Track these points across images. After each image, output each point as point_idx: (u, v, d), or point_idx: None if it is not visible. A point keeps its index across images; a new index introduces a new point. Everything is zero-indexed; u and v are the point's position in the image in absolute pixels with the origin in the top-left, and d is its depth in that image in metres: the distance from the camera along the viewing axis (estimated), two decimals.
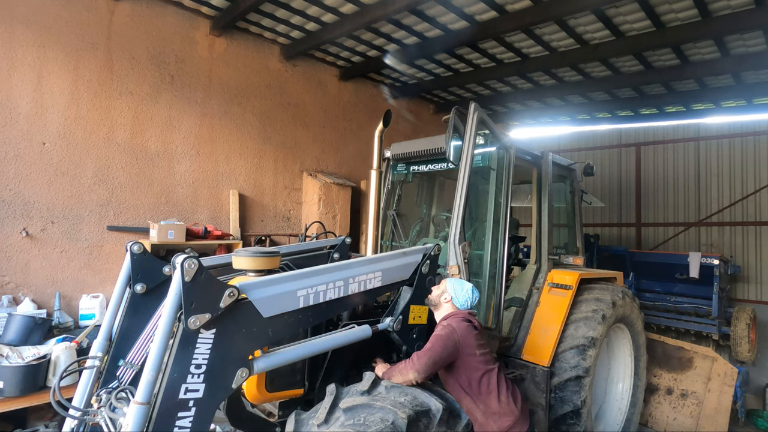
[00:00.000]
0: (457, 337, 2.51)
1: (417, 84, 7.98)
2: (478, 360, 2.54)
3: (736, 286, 8.26)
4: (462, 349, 2.51)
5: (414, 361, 2.37)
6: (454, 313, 2.68)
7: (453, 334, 2.52)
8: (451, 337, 2.51)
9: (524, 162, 4.11)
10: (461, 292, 2.71)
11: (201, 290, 1.63)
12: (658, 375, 5.61)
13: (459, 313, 2.67)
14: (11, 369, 3.48)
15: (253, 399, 2.36)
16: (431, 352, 2.43)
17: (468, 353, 2.53)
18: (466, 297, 2.71)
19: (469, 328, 2.59)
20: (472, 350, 2.53)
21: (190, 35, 5.62)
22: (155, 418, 1.57)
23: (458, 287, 2.72)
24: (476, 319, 2.72)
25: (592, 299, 3.97)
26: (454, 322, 2.59)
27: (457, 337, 2.52)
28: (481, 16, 5.44)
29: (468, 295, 2.72)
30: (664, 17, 5.18)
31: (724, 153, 8.51)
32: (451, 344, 2.49)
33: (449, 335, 2.52)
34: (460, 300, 2.70)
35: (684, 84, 7.30)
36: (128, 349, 2.28)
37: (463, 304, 2.70)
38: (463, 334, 2.54)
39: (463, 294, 2.71)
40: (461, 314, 2.67)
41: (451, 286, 2.74)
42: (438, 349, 2.44)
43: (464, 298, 2.70)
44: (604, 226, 9.88)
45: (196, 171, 5.67)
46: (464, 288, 2.73)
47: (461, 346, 2.51)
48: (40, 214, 4.48)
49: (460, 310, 2.69)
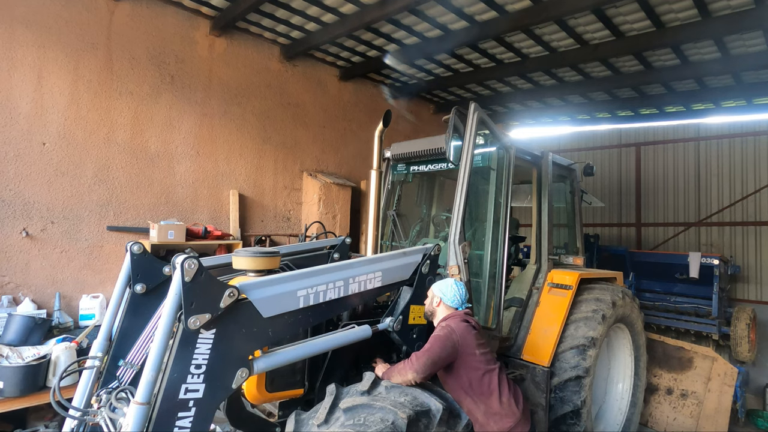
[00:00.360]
0: (456, 338, 2.49)
1: (417, 84, 7.98)
2: (478, 360, 2.52)
3: (736, 286, 8.26)
4: (461, 349, 2.50)
5: (413, 362, 2.37)
6: (451, 315, 2.66)
7: (452, 334, 2.51)
8: (450, 337, 2.49)
9: (524, 162, 4.11)
10: (447, 289, 2.67)
11: (201, 290, 1.63)
12: (658, 375, 5.61)
13: (456, 314, 2.65)
14: (11, 369, 3.48)
15: (253, 399, 2.36)
16: (430, 352, 2.42)
17: (468, 353, 2.51)
18: (453, 292, 2.66)
19: (467, 328, 2.57)
20: (471, 350, 2.51)
21: (190, 35, 5.62)
22: (155, 418, 1.57)
23: (442, 286, 2.69)
24: (474, 319, 2.71)
25: (592, 299, 3.96)
26: (452, 323, 2.58)
27: (456, 337, 2.50)
28: (481, 16, 5.44)
29: (454, 289, 2.67)
30: (664, 17, 5.18)
31: (724, 153, 8.51)
32: (450, 344, 2.47)
33: (448, 335, 2.50)
34: (449, 297, 2.66)
35: (684, 84, 7.29)
36: (128, 349, 2.28)
37: (454, 300, 2.66)
38: (461, 334, 2.52)
39: (449, 290, 2.66)
40: (458, 315, 2.65)
41: (437, 288, 2.72)
42: (437, 350, 2.43)
43: (452, 294, 2.65)
44: (604, 226, 9.88)
45: (196, 171, 5.67)
46: (447, 284, 2.69)
47: (460, 346, 2.50)
48: (40, 214, 4.48)
49: (457, 311, 2.67)
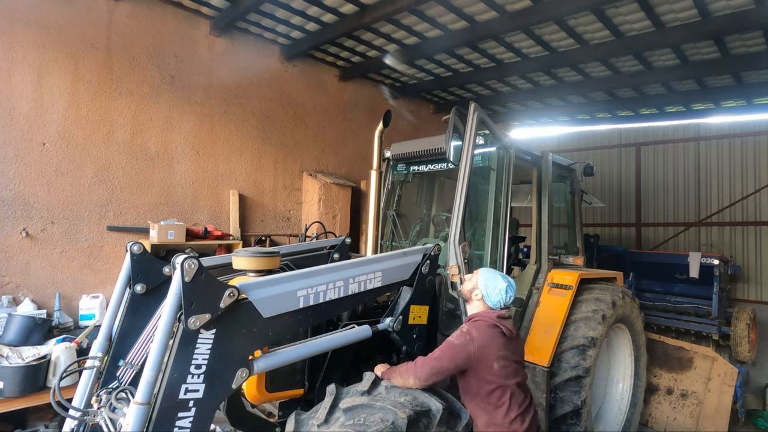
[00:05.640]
0: (472, 349, 2.32)
1: (417, 84, 7.98)
2: (494, 373, 2.33)
3: (736, 286, 8.26)
4: (477, 360, 2.33)
5: (417, 368, 2.29)
6: (483, 315, 2.48)
7: (468, 345, 2.33)
8: (465, 348, 2.32)
9: (524, 162, 4.11)
10: (493, 291, 2.50)
11: (201, 290, 1.63)
12: (658, 375, 5.61)
13: (487, 316, 2.47)
14: (11, 369, 3.48)
15: (253, 399, 2.36)
16: (437, 362, 2.30)
17: (484, 364, 2.34)
18: (498, 298, 2.50)
19: (493, 335, 2.38)
20: (489, 362, 2.33)
21: (190, 35, 5.62)
22: (155, 419, 1.57)
23: (491, 286, 2.52)
24: (508, 324, 2.48)
25: (592, 299, 3.96)
26: (476, 328, 2.39)
27: (473, 348, 2.32)
28: (481, 16, 5.44)
29: (501, 296, 2.50)
30: (664, 17, 5.18)
31: (724, 153, 8.51)
32: (463, 356, 2.32)
33: (463, 346, 2.33)
34: (492, 299, 2.51)
35: (684, 84, 7.29)
36: (128, 349, 2.28)
37: (496, 303, 2.51)
38: (482, 344, 2.33)
39: (495, 294, 2.50)
40: (490, 317, 2.46)
41: (483, 283, 2.55)
42: (445, 361, 2.31)
43: (497, 299, 2.50)
44: (604, 226, 9.88)
45: (196, 171, 5.67)
46: (497, 287, 2.51)
47: (477, 358, 2.32)
48: (40, 215, 4.48)
49: (491, 311, 2.51)
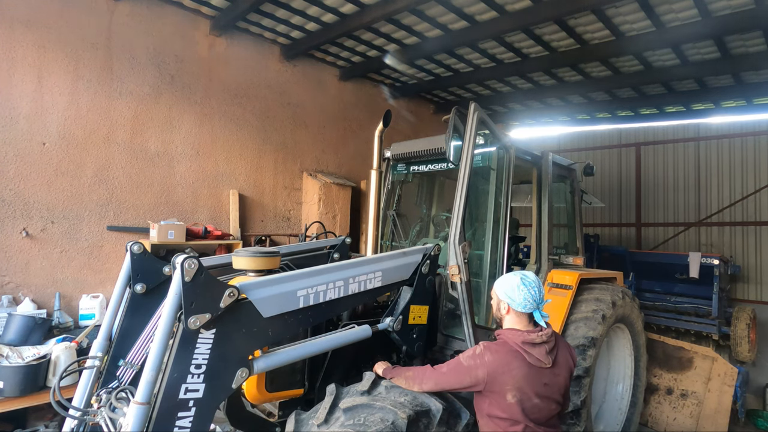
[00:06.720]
0: (480, 375, 2.06)
1: (417, 84, 7.98)
2: (506, 406, 2.04)
3: (736, 286, 8.26)
4: (486, 387, 2.07)
5: (423, 379, 2.22)
6: (507, 335, 2.15)
7: (476, 369, 2.08)
8: (472, 372, 2.09)
9: (524, 162, 4.10)
10: (513, 291, 2.16)
11: (201, 290, 1.63)
12: (658, 375, 5.61)
13: (513, 337, 2.12)
14: (11, 369, 3.48)
15: (253, 399, 2.36)
16: (442, 378, 2.19)
17: (495, 394, 2.07)
18: (522, 295, 2.13)
19: (510, 364, 2.05)
20: (500, 392, 2.05)
21: (190, 35, 5.62)
22: (155, 418, 1.57)
23: (507, 288, 2.20)
24: (537, 351, 2.08)
25: (592, 299, 3.96)
26: (492, 351, 2.11)
27: (482, 374, 2.06)
28: (481, 16, 5.44)
29: (523, 291, 2.13)
30: (663, 17, 5.18)
31: (724, 153, 8.51)
32: (469, 380, 2.11)
33: (471, 370, 2.10)
34: (519, 302, 2.14)
35: (684, 84, 7.29)
36: (128, 349, 2.28)
37: (526, 304, 2.13)
38: (493, 371, 2.05)
39: (517, 293, 2.14)
40: (514, 339, 2.11)
41: (502, 291, 2.23)
42: (450, 380, 2.17)
43: (521, 297, 2.13)
44: (604, 226, 9.87)
45: (196, 171, 5.67)
46: (513, 284, 2.18)
47: (485, 383, 2.06)
48: (40, 214, 4.48)
49: (518, 332, 2.14)
